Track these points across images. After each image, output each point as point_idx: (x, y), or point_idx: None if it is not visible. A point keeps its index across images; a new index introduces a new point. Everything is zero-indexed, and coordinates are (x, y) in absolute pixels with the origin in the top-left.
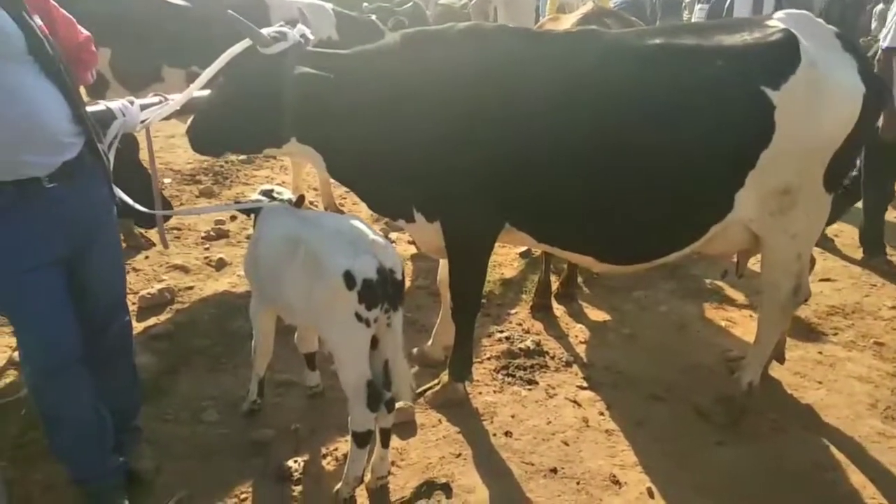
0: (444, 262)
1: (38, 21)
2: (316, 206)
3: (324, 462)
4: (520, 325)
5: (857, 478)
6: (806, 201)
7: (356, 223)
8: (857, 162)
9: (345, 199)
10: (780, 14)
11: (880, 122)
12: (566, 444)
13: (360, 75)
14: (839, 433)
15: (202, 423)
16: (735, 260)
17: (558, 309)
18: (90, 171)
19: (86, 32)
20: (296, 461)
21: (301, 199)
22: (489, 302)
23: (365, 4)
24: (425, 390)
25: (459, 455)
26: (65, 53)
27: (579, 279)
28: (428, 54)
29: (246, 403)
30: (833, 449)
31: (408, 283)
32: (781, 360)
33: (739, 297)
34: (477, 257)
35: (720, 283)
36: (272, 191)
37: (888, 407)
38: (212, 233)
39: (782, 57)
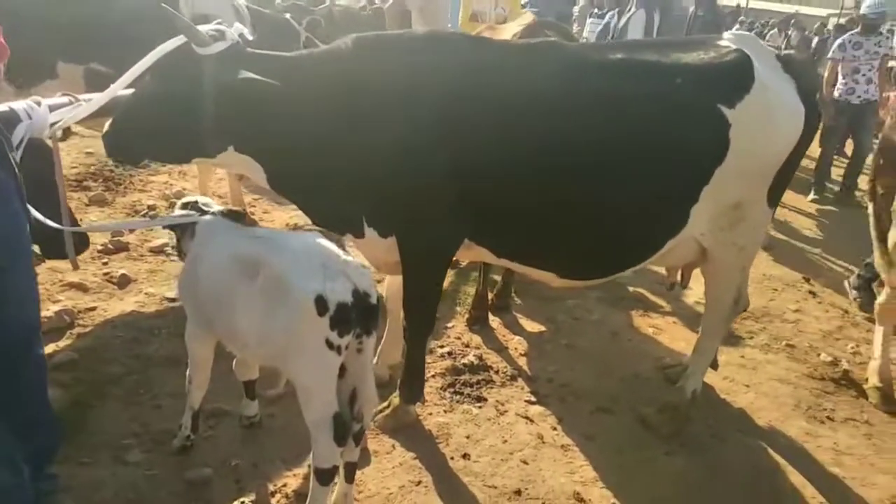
0: (392, 277)
1: None
2: None
3: (273, 501)
4: (458, 338)
5: (795, 478)
6: (753, 215)
7: (323, 242)
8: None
9: (254, 206)
10: (728, 35)
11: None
12: (525, 462)
13: (311, 81)
14: (772, 435)
15: (126, 465)
16: (680, 273)
17: (494, 321)
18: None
19: None
20: (242, 502)
21: (244, 213)
22: None
23: (278, 2)
24: (375, 414)
25: (420, 483)
26: None
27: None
28: (388, 61)
29: (178, 439)
30: (770, 451)
31: None
32: (715, 366)
33: (662, 303)
34: (435, 274)
35: (642, 291)
36: (197, 202)
37: (810, 407)
38: (110, 246)
39: (738, 77)
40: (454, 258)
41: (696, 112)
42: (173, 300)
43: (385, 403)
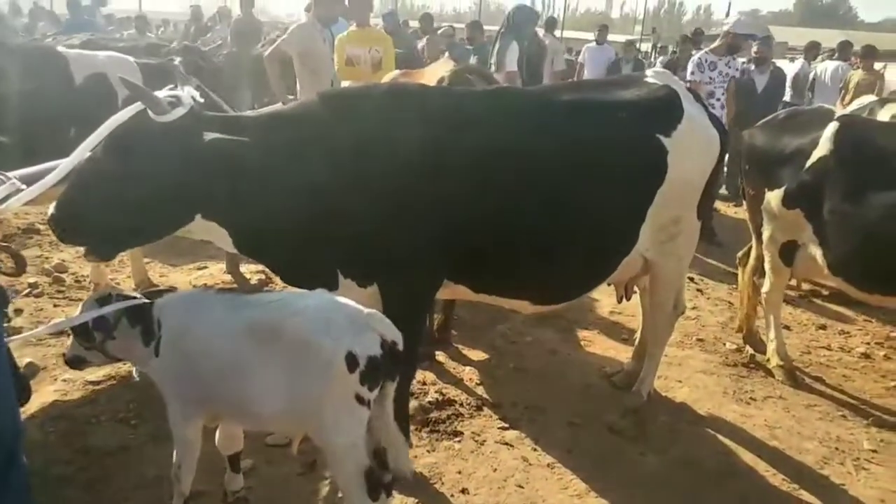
0: None
1: None
2: (119, 283)
3: None
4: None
5: (746, 456)
6: (688, 228)
7: (341, 298)
8: None
9: (149, 270)
10: (650, 72)
11: None
12: (521, 486)
13: (280, 139)
14: (714, 422)
15: None
16: (625, 287)
17: (440, 355)
18: None
19: None
20: None
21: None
22: None
23: (173, 45)
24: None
25: None
26: None
27: None
28: (359, 117)
29: None
30: (718, 436)
31: None
32: None
33: (580, 317)
34: (418, 317)
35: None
36: (111, 294)
37: (735, 392)
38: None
39: (670, 109)
40: None
41: (641, 143)
42: (97, 383)
43: None
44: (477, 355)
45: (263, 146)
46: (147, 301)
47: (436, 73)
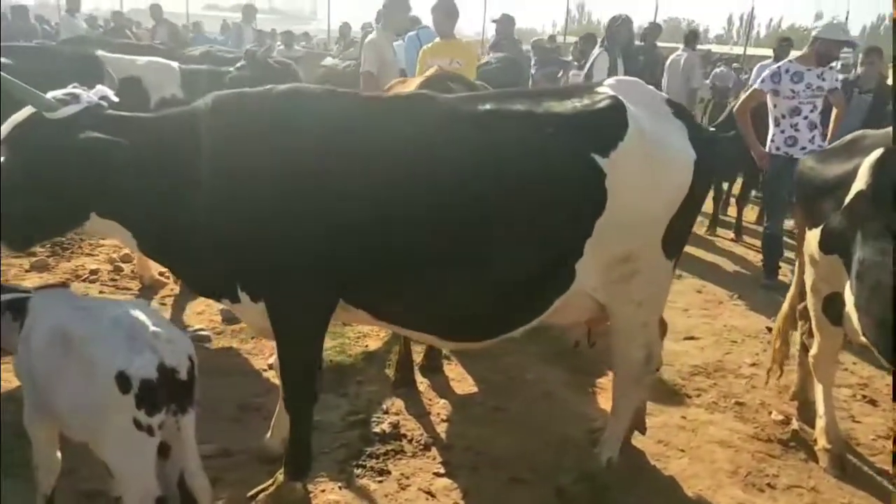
0: None
1: None
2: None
3: None
4: (379, 404)
5: None
6: (647, 269)
7: (138, 312)
8: None
9: None
10: (610, 80)
11: None
12: None
13: (166, 140)
14: None
15: None
16: (587, 329)
17: (422, 383)
18: None
19: None
20: None
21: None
22: (347, 379)
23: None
24: (258, 493)
25: None
26: None
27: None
28: (247, 119)
29: None
30: None
31: (257, 364)
32: (643, 430)
33: (600, 360)
34: (308, 340)
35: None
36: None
37: (749, 473)
38: None
39: (610, 124)
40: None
41: (569, 162)
42: None
43: (269, 481)
44: (463, 388)
45: (149, 147)
46: (25, 296)
47: (417, 80)
